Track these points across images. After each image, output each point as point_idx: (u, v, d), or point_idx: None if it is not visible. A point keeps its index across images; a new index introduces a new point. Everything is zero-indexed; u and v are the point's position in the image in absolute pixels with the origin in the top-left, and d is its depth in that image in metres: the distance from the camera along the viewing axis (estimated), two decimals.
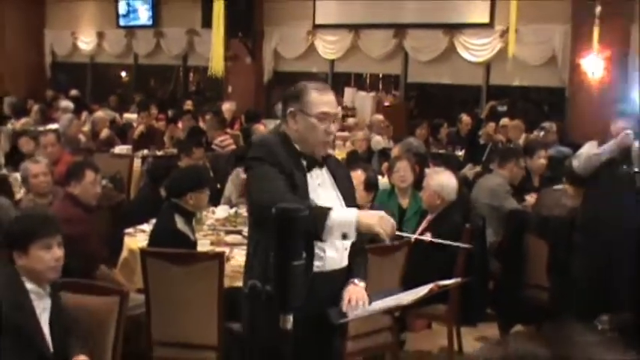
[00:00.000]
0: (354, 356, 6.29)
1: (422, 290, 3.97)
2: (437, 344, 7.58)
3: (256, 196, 4.15)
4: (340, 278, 4.24)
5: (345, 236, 3.87)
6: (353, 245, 4.26)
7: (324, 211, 3.84)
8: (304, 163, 4.24)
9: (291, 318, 3.04)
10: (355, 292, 4.14)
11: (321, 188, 4.24)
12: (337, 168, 4.46)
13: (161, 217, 6.44)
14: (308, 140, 4.22)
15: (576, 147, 11.97)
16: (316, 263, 4.16)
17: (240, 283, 5.96)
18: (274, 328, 3.09)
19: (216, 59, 9.57)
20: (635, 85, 13.47)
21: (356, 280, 4.21)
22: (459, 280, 5.31)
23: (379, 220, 3.84)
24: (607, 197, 7.19)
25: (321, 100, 4.25)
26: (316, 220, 3.83)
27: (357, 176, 6.51)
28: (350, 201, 4.38)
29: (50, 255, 4.26)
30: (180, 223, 6.22)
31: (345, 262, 4.24)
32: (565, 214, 7.86)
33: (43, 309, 4.28)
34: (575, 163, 7.39)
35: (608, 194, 7.18)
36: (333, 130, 4.27)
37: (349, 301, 4.10)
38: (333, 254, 4.16)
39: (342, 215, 3.87)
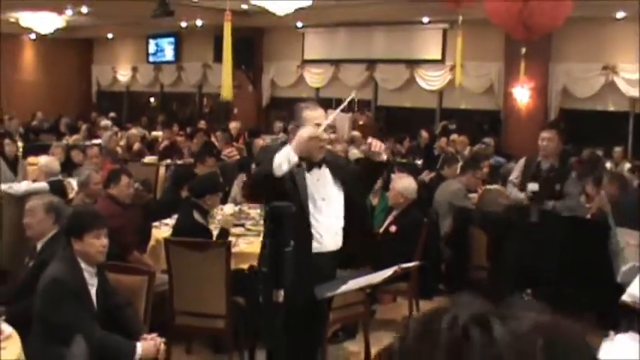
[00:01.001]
0: (334, 324, 6.28)
1: (388, 272, 3.98)
2: (400, 314, 7.55)
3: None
4: (335, 259, 4.27)
5: (289, 162, 3.97)
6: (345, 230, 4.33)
7: (271, 157, 4.00)
8: (304, 165, 4.28)
9: (282, 292, 3.03)
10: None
11: (320, 183, 4.29)
12: (333, 159, 4.51)
13: (183, 213, 6.40)
14: (306, 148, 4.19)
15: (509, 157, 12.08)
16: (315, 245, 4.18)
17: (242, 266, 6.00)
18: (269, 301, 3.09)
19: (226, 87, 9.52)
20: None
21: None
22: (417, 263, 5.31)
23: (305, 140, 4.03)
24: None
25: (312, 115, 4.35)
26: (267, 164, 4.00)
27: None
28: (347, 175, 4.47)
29: (99, 242, 4.36)
30: (198, 217, 6.19)
31: (339, 245, 4.27)
32: (501, 211, 7.87)
33: (91, 285, 4.36)
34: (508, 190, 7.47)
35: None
36: (326, 136, 4.29)
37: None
38: (330, 238, 4.19)
39: (282, 153, 3.99)
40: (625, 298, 2.35)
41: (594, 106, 14.50)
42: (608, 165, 11.43)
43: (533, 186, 6.87)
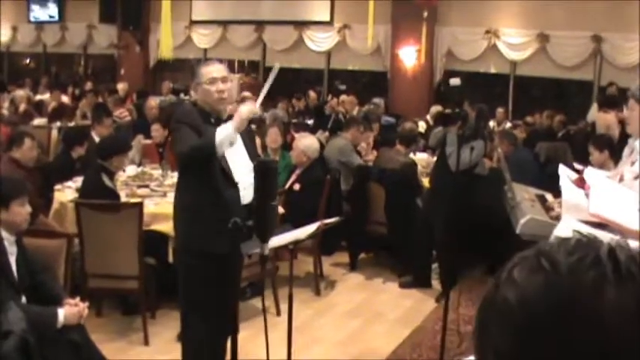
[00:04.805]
0: (243, 281, 6.34)
1: (312, 227, 4.05)
2: (303, 270, 7.68)
3: (178, 149, 4.37)
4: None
5: (232, 143, 4.21)
6: None
7: (212, 135, 4.15)
8: (213, 121, 4.37)
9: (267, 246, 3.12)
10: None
11: None
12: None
13: (90, 176, 6.27)
14: (208, 102, 4.40)
15: (397, 117, 12.34)
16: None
17: (153, 227, 5.97)
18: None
19: (165, 46, 9.39)
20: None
21: None
22: (338, 218, 5.36)
23: (240, 117, 4.17)
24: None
25: (208, 69, 4.45)
26: (207, 140, 4.16)
27: None
28: (251, 149, 4.57)
29: (24, 210, 4.30)
30: (106, 180, 6.10)
31: (250, 199, 4.31)
32: (397, 168, 8.06)
33: (11, 253, 4.25)
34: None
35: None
36: (222, 87, 4.42)
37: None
38: (243, 191, 4.25)
39: (223, 131, 4.16)
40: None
41: (477, 68, 15.04)
42: (491, 124, 11.84)
43: (455, 81, 7.16)
